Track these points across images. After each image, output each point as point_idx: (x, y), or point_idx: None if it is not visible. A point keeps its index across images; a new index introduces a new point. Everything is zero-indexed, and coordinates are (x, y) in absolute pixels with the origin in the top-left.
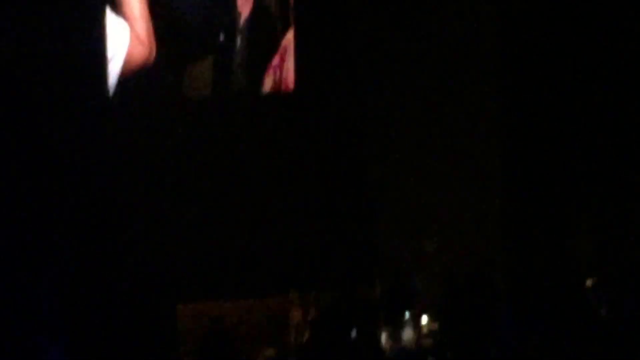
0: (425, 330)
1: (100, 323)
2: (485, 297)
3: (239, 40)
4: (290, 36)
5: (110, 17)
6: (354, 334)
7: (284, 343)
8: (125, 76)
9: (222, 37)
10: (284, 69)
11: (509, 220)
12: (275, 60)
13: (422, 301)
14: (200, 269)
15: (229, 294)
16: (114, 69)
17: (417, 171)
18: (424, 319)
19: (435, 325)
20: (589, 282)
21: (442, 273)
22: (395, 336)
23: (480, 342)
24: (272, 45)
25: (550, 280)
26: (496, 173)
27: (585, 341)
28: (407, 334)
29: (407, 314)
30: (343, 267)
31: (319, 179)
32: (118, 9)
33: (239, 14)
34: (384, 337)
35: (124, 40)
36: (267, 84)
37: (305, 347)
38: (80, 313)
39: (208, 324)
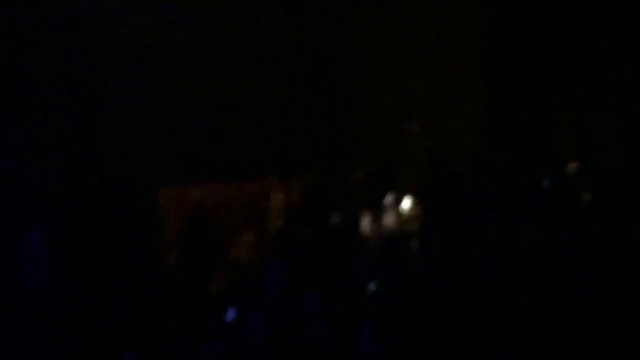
0: (407, 214)
1: (81, 204)
2: (468, 181)
3: None
4: None
5: None
6: (335, 218)
7: (264, 227)
8: None
9: None
10: None
11: (492, 103)
12: None
13: (405, 186)
14: (181, 152)
15: (209, 177)
16: None
17: (400, 54)
18: (407, 203)
19: (418, 209)
20: (571, 167)
21: (425, 156)
22: (377, 220)
23: (463, 225)
24: None
25: (533, 165)
26: (480, 56)
27: (567, 225)
28: (389, 217)
29: (389, 198)
30: (324, 151)
31: (301, 62)
32: None
33: None
34: (365, 221)
35: None
36: None
37: (285, 231)
38: (61, 194)
39: (189, 207)
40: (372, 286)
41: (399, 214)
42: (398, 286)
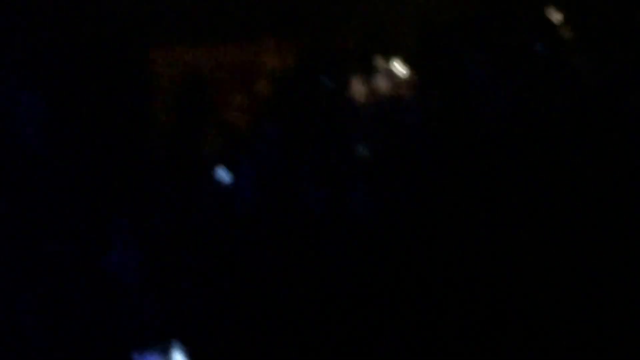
0: (399, 79)
1: (74, 66)
2: (461, 45)
3: None
4: None
5: None
6: (327, 82)
7: (256, 90)
8: None
9: None
10: None
11: None
12: None
13: (398, 50)
14: (175, 12)
15: (203, 38)
16: None
17: None
18: (399, 68)
19: (411, 74)
20: (564, 31)
21: (418, 21)
22: (368, 84)
23: (455, 89)
24: None
25: (528, 34)
26: None
27: (562, 99)
28: (381, 82)
29: (380, 63)
30: (318, 15)
31: None
32: None
33: None
34: (357, 85)
35: None
36: None
37: (277, 95)
38: (54, 55)
39: (182, 69)
40: (364, 150)
41: (392, 78)
42: (390, 150)
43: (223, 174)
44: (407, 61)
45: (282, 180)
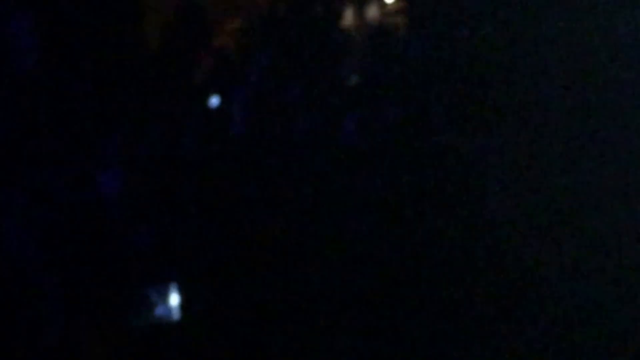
0: (390, 7)
1: None
2: None
3: None
4: None
5: None
6: (319, 7)
7: (251, 14)
8: None
9: None
10: None
11: None
12: None
13: None
14: None
15: None
16: None
17: None
18: None
19: (402, 4)
20: None
21: None
22: (359, 13)
23: (447, 20)
24: None
25: None
26: None
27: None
28: (372, 11)
29: None
30: None
31: None
32: None
33: None
34: (348, 14)
35: None
36: None
37: (271, 20)
38: None
39: None
40: (355, 78)
41: (383, 7)
42: (381, 79)
43: (214, 100)
44: None
45: (272, 107)
